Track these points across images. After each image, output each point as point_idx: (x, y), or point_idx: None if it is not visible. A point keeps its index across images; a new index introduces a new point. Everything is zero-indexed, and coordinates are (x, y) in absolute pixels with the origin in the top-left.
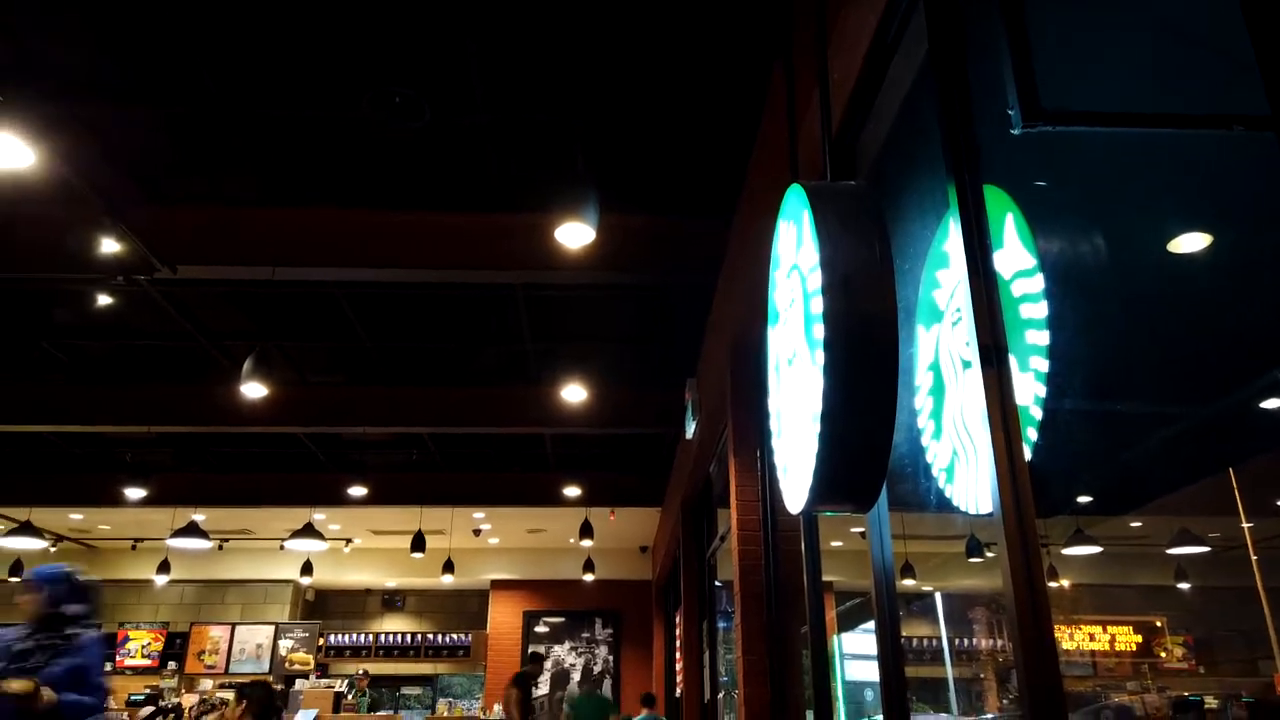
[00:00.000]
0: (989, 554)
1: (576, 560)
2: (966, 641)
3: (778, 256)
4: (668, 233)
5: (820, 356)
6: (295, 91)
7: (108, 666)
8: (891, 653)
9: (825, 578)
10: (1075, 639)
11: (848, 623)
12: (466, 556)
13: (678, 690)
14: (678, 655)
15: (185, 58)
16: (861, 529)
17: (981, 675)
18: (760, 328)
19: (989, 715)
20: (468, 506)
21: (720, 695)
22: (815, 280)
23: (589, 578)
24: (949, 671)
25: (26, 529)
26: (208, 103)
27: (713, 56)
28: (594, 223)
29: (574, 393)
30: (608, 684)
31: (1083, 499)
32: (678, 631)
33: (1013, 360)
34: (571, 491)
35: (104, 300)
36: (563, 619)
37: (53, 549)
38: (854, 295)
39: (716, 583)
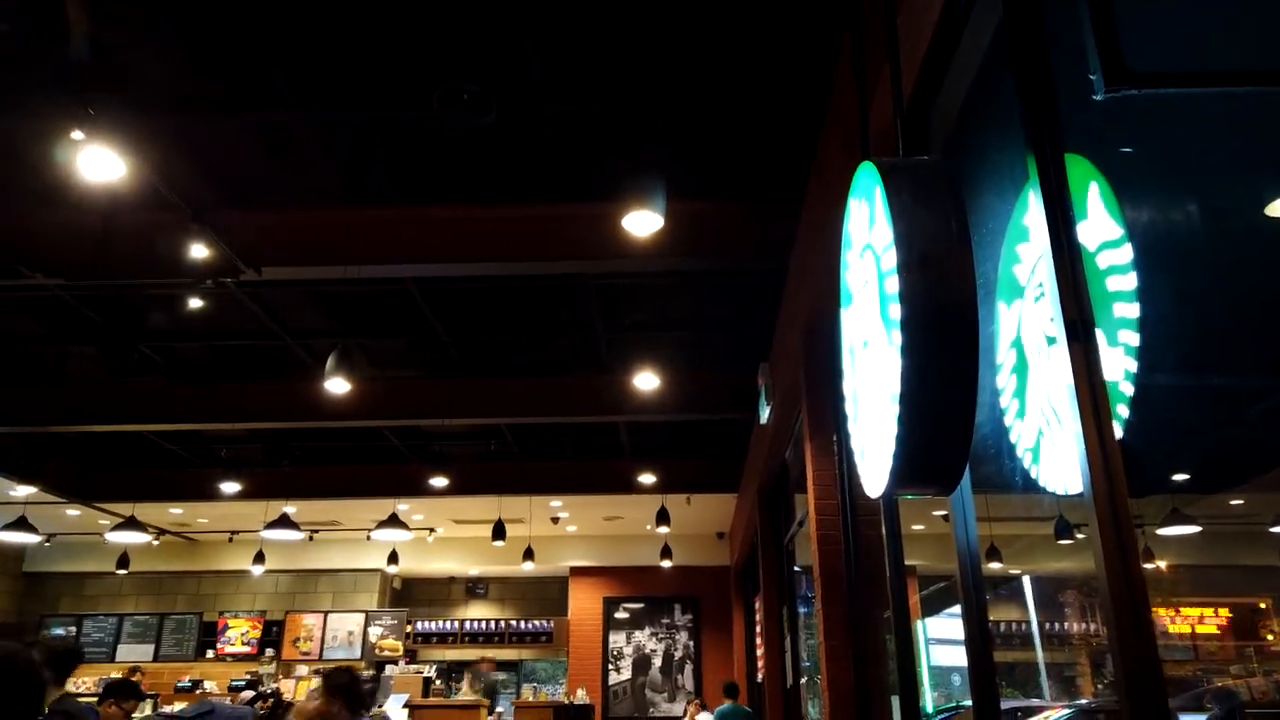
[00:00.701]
0: (1079, 535)
1: (654, 547)
2: (1058, 626)
3: (849, 236)
4: (737, 217)
5: (897, 337)
6: (367, 94)
7: (209, 654)
8: (979, 637)
9: (907, 562)
10: (1174, 621)
11: (932, 607)
12: (546, 544)
13: (759, 676)
14: (758, 641)
15: (263, 66)
16: (944, 512)
17: (1075, 660)
18: (833, 310)
19: (1084, 700)
20: (545, 495)
21: (803, 681)
22: (890, 259)
23: (667, 564)
24: (1040, 656)
25: (131, 524)
26: (285, 109)
27: (778, 32)
28: (661, 210)
29: (646, 380)
30: (689, 670)
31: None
32: (757, 617)
33: (1100, 335)
34: (646, 479)
35: (195, 303)
36: (642, 605)
37: (155, 542)
38: (931, 273)
39: (795, 568)
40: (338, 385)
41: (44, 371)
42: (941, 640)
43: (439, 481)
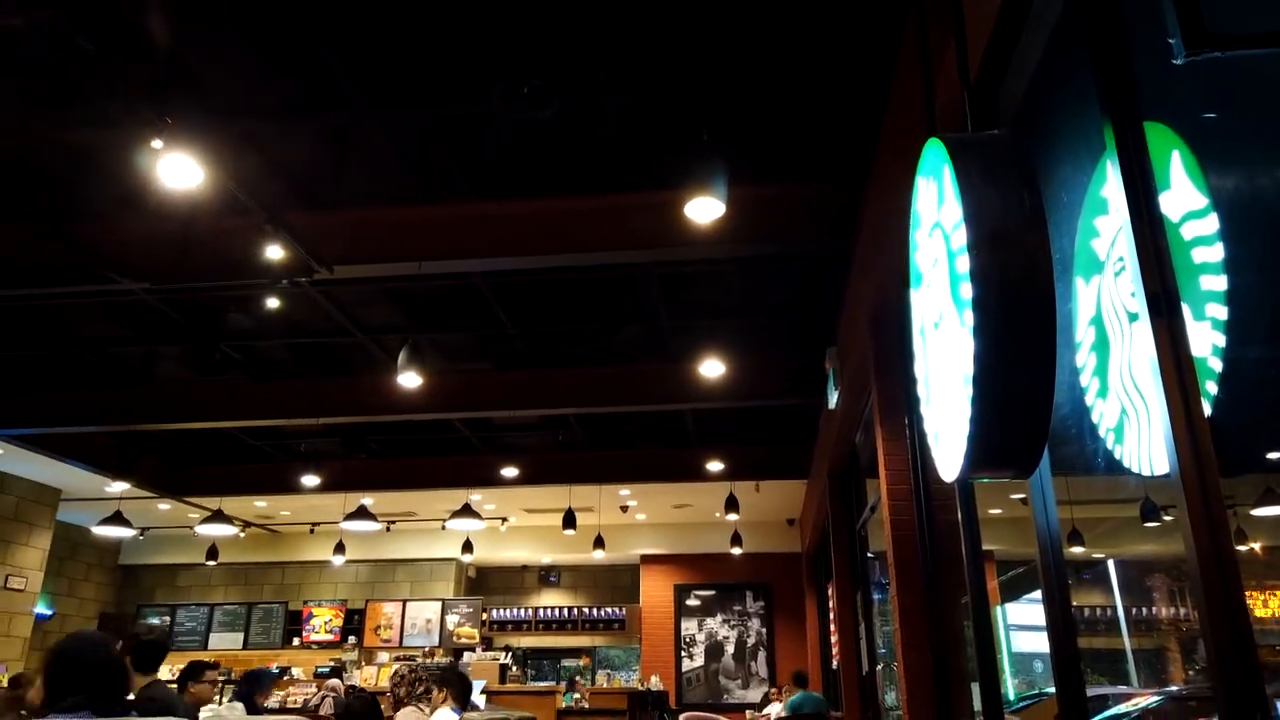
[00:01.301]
0: (1167, 517)
1: (724, 534)
2: (1145, 610)
3: (918, 215)
4: (800, 200)
5: (969, 317)
6: (430, 92)
7: (295, 642)
8: (1061, 623)
9: (985, 547)
10: (1268, 605)
11: (1012, 592)
12: (616, 532)
13: (834, 663)
14: (832, 627)
15: (330, 69)
16: (1022, 495)
17: (1164, 646)
18: (902, 291)
19: (1173, 687)
20: (613, 484)
21: (879, 668)
22: (960, 237)
23: (737, 551)
24: (1126, 642)
25: (218, 517)
26: (352, 110)
27: (839, 8)
28: (723, 196)
29: (712, 367)
30: (762, 656)
31: (1275, 455)
32: (830, 604)
33: (1186, 309)
34: (714, 466)
35: (272, 303)
36: (713, 592)
37: (242, 534)
38: (1003, 251)
39: (869, 554)
40: (409, 379)
41: (134, 373)
42: (1022, 626)
43: (509, 472)
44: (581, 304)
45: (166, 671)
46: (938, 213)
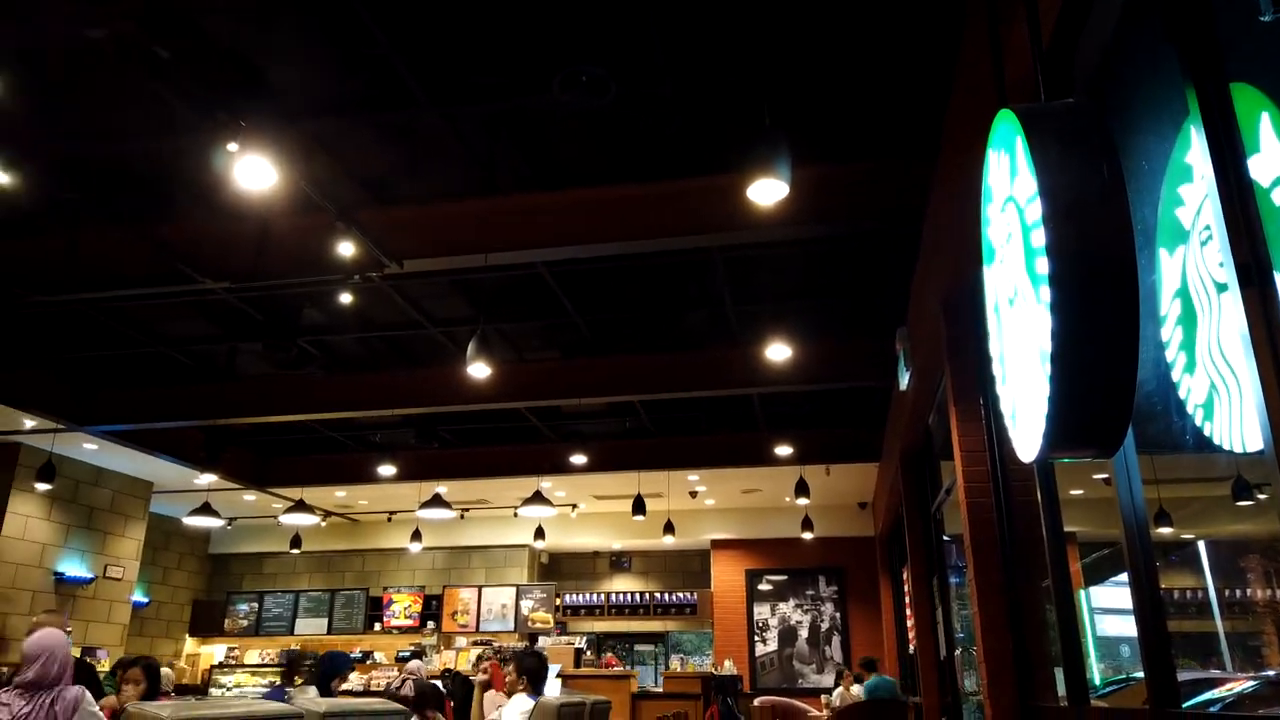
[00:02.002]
0: (1261, 496)
1: (794, 518)
2: (1239, 592)
3: (989, 190)
4: (865, 179)
5: (1046, 293)
6: (491, 86)
7: (376, 627)
8: (1149, 606)
9: (1066, 528)
10: None
11: (1096, 575)
12: (685, 518)
13: (910, 647)
14: (908, 611)
15: (393, 68)
16: (1106, 475)
17: (1259, 629)
18: (974, 268)
19: (1271, 671)
20: (681, 469)
21: (957, 652)
22: (1035, 211)
23: (808, 536)
24: (1219, 625)
25: (300, 506)
26: (416, 107)
27: None
28: (786, 177)
29: (778, 351)
30: (836, 641)
31: None
32: (906, 588)
33: (1278, 278)
34: (783, 450)
35: (345, 298)
36: (785, 577)
37: (323, 523)
38: (1081, 223)
39: (945, 537)
40: (478, 370)
41: (218, 369)
42: (1108, 610)
43: (578, 459)
44: (646, 291)
45: (257, 655)
46: (1010, 186)
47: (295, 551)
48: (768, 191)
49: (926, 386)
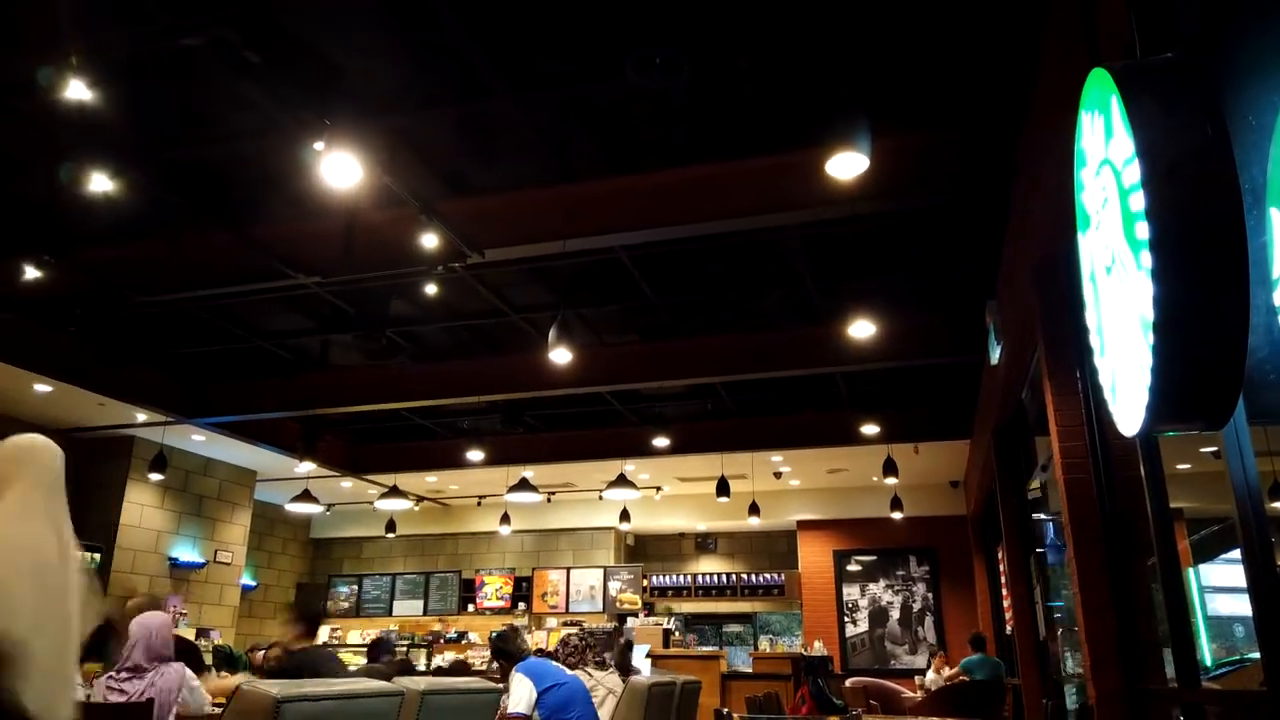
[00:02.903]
0: None
1: (882, 498)
2: None
3: (1083, 153)
4: (948, 147)
5: (1146, 259)
6: (565, 72)
7: (470, 608)
8: (1264, 583)
9: (1172, 504)
10: None
11: (1206, 553)
12: (770, 498)
13: (1007, 628)
14: (1004, 592)
15: (469, 60)
16: (1214, 448)
17: None
18: (1068, 236)
19: None
20: (765, 451)
21: (1058, 633)
22: (1132, 174)
23: (898, 516)
24: None
25: (394, 492)
26: (491, 97)
27: None
28: (866, 150)
29: (861, 328)
30: (929, 621)
31: None
32: (1001, 567)
33: None
34: (869, 429)
35: (430, 289)
36: (874, 557)
37: (416, 508)
38: (1182, 185)
39: (1041, 515)
40: (560, 355)
41: (312, 361)
42: (1220, 588)
43: (660, 442)
44: (724, 271)
45: (358, 636)
46: (1105, 149)
47: (391, 536)
48: (847, 165)
49: (1018, 360)
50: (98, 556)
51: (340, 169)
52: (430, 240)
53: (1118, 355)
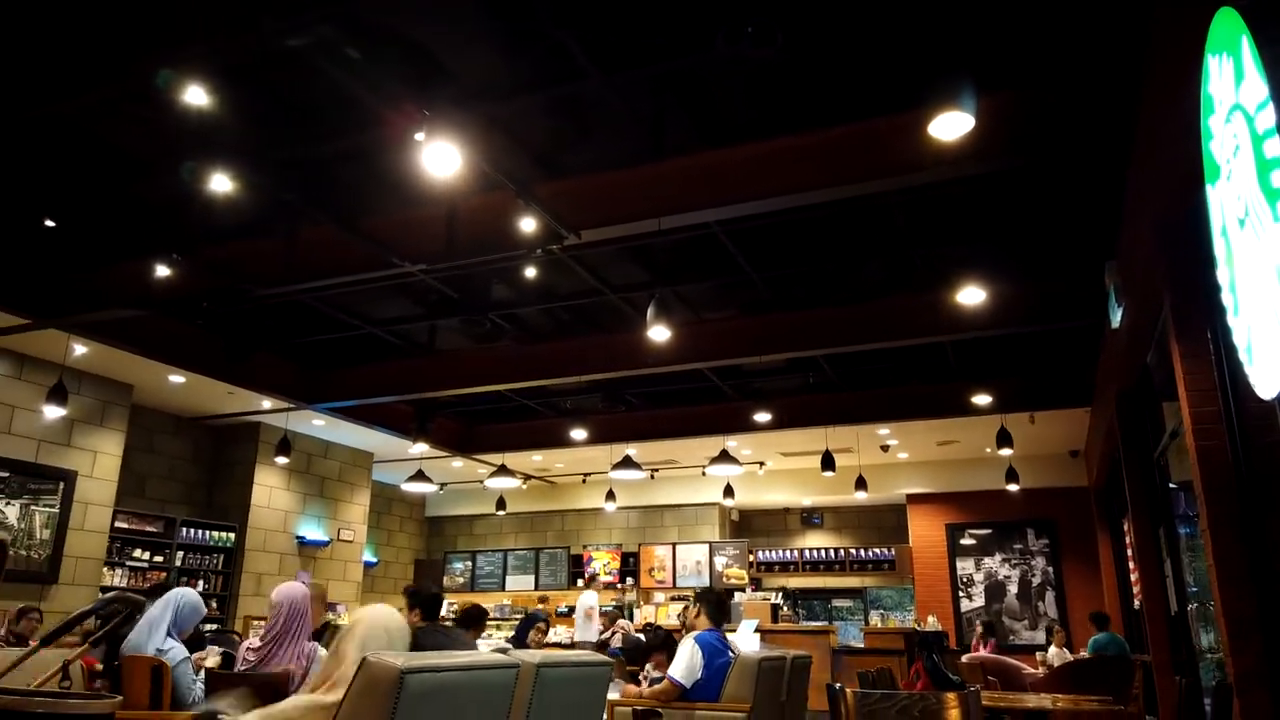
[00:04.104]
0: None
1: (996, 470)
2: None
3: (1210, 99)
4: (1059, 102)
5: None
6: (655, 49)
7: (579, 583)
8: None
9: None
10: None
11: None
12: (877, 472)
13: (1135, 602)
14: (1131, 565)
15: (561, 43)
16: None
17: None
18: (1195, 188)
19: None
20: (870, 424)
21: (1191, 607)
22: (1267, 118)
23: (1013, 487)
24: None
25: (502, 471)
26: (583, 78)
27: None
28: (971, 109)
29: (970, 295)
30: (1049, 596)
31: None
32: (1128, 540)
33: None
34: (981, 399)
35: (529, 272)
36: (989, 531)
37: (524, 486)
38: None
39: (1171, 484)
40: (658, 333)
41: (421, 346)
42: None
43: (762, 417)
44: (823, 242)
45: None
46: (1236, 93)
47: (501, 513)
48: (951, 126)
49: (1142, 322)
50: (232, 536)
51: (440, 158)
52: (528, 224)
53: (1253, 313)
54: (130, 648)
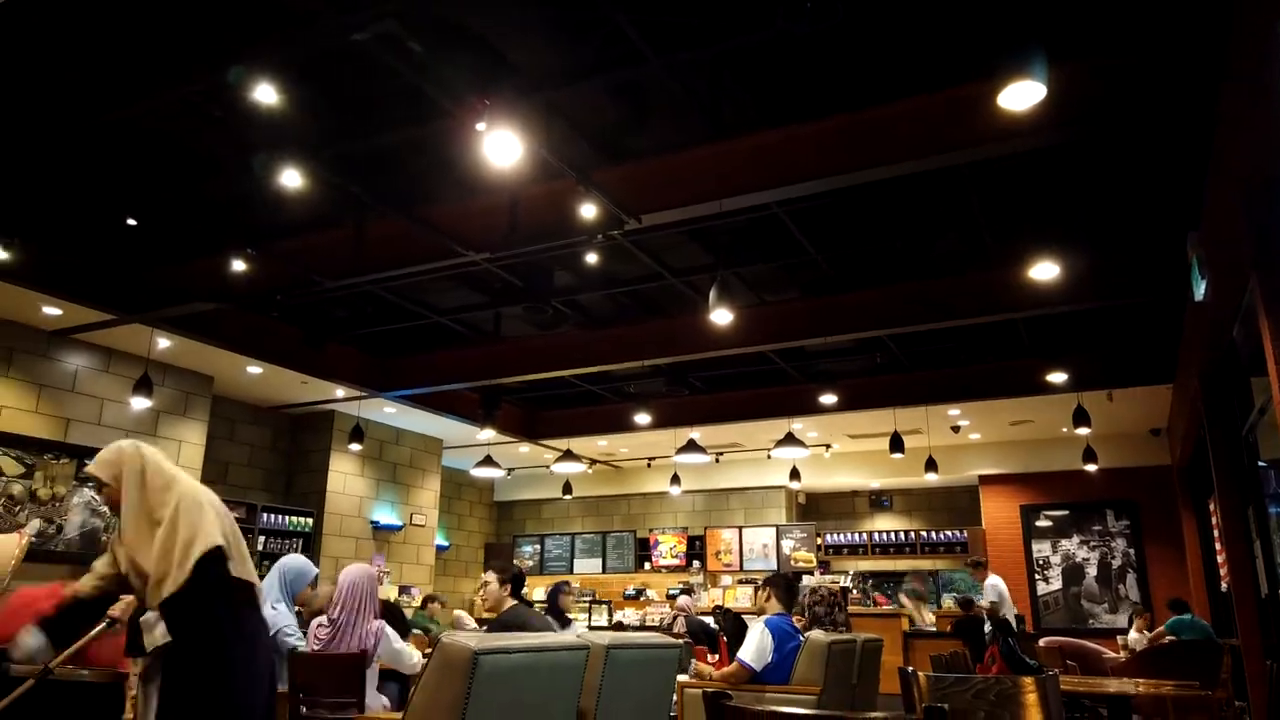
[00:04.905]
0: None
1: (1073, 450)
2: None
3: None
4: (1136, 67)
5: None
6: (713, 28)
7: (646, 566)
8: None
9: None
10: None
11: None
12: (948, 453)
13: (1222, 584)
14: (1217, 546)
15: (618, 27)
16: None
17: None
18: None
19: None
20: (940, 404)
21: None
22: None
23: (1091, 468)
24: None
25: (568, 456)
26: (640, 62)
27: None
28: (1043, 77)
29: (1044, 270)
30: (1131, 578)
31: None
32: (1214, 520)
33: None
34: (1056, 377)
35: (591, 258)
36: (1066, 512)
37: (589, 470)
38: None
39: (1260, 462)
40: (720, 316)
41: (486, 333)
42: None
43: (828, 399)
44: (888, 220)
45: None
46: None
47: (567, 497)
48: (1022, 96)
49: (1228, 295)
50: (310, 521)
51: (501, 147)
52: (589, 210)
53: None
54: None
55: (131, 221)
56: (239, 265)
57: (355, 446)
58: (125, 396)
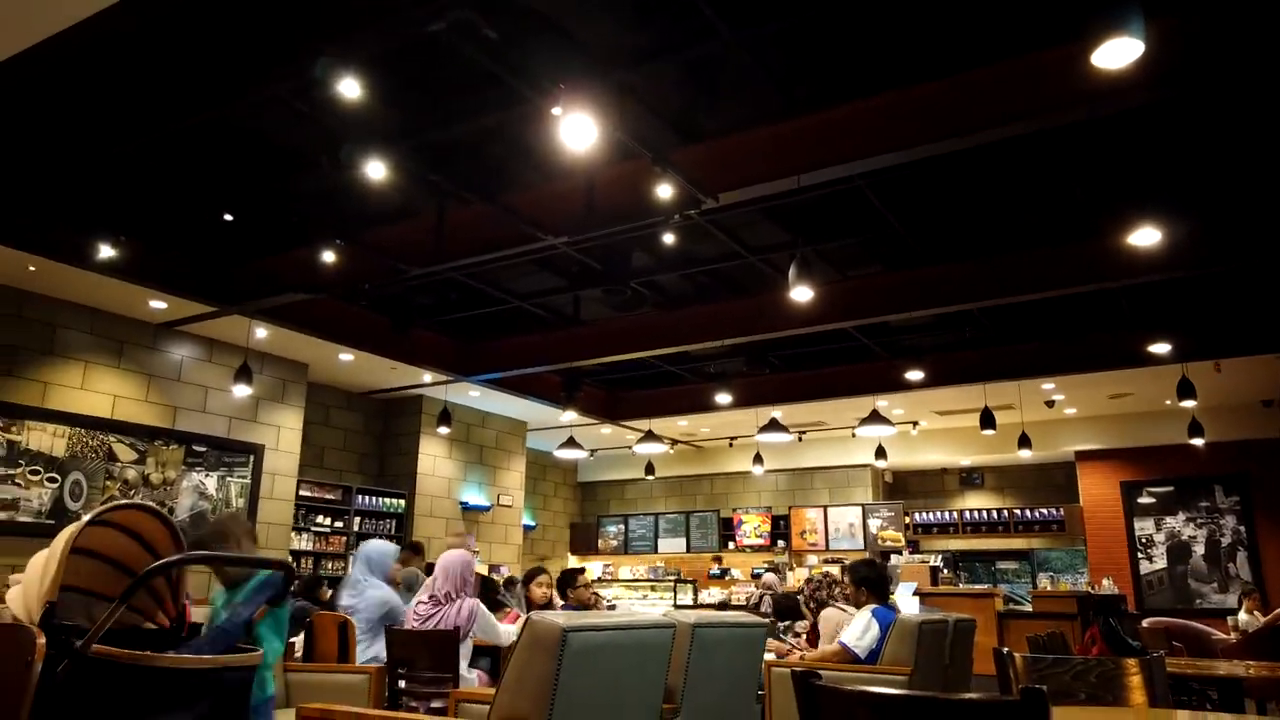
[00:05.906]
0: None
1: (1177, 423)
2: None
3: None
4: (1239, 19)
5: None
6: (785, 2)
7: (730, 545)
8: None
9: None
10: None
11: None
12: (1042, 429)
13: None
14: None
15: (687, 2)
16: None
17: None
18: None
19: None
20: (1033, 378)
21: None
22: None
23: (1198, 441)
24: None
25: (650, 436)
26: (712, 38)
27: None
28: (1140, 33)
29: (1144, 235)
30: (1241, 557)
31: None
32: None
33: None
34: (1158, 348)
35: (668, 238)
36: (1170, 488)
37: (671, 450)
38: None
39: None
40: (800, 293)
41: (566, 317)
42: None
43: (914, 375)
44: (974, 189)
45: (628, 571)
46: None
47: (650, 478)
48: (1118, 53)
49: None
50: (402, 502)
51: (577, 130)
52: (665, 190)
53: None
54: (340, 608)
55: (228, 217)
56: (329, 256)
57: (443, 429)
58: (227, 385)
